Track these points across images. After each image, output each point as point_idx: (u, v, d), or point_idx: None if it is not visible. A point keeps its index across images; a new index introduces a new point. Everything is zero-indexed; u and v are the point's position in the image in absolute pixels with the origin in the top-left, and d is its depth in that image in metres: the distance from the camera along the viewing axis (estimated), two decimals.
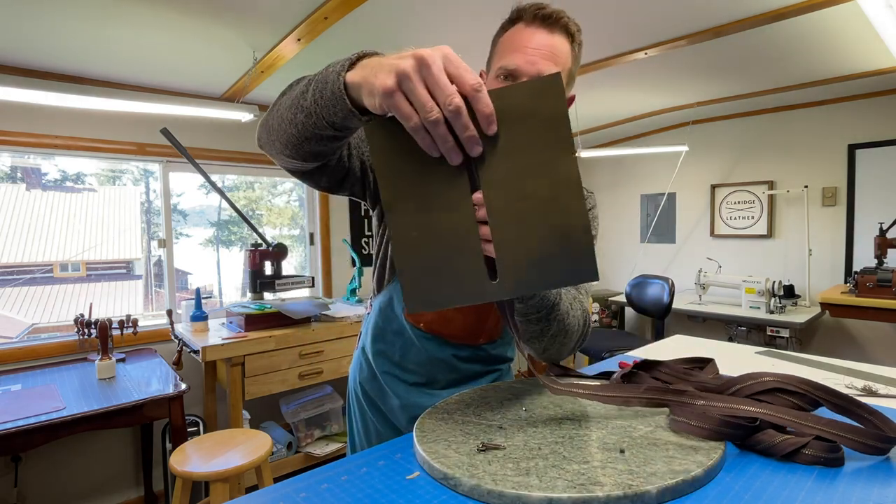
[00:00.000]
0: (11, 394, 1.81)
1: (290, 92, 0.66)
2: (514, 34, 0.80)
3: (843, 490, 0.48)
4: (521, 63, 0.77)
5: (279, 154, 0.71)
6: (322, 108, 0.58)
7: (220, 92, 2.50)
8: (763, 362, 1.04)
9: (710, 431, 0.55)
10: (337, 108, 0.56)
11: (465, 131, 0.49)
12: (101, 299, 4.42)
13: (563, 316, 0.72)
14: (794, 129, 3.46)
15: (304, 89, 0.61)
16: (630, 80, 2.71)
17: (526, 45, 0.78)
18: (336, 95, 0.55)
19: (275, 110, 0.68)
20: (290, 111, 0.63)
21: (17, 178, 3.42)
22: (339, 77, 0.54)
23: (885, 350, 3.13)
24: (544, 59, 0.78)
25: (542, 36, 0.78)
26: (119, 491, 2.37)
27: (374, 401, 0.99)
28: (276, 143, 0.69)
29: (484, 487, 0.48)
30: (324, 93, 0.57)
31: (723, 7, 1.80)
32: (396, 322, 0.93)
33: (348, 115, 0.56)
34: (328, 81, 0.56)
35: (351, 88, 0.54)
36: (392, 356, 0.95)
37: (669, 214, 4.13)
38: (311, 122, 0.60)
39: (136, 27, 1.74)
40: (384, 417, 0.99)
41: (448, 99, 0.47)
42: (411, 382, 0.95)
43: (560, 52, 0.79)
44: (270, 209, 3.36)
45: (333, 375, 2.51)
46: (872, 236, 2.97)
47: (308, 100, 0.59)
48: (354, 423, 1.05)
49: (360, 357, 1.02)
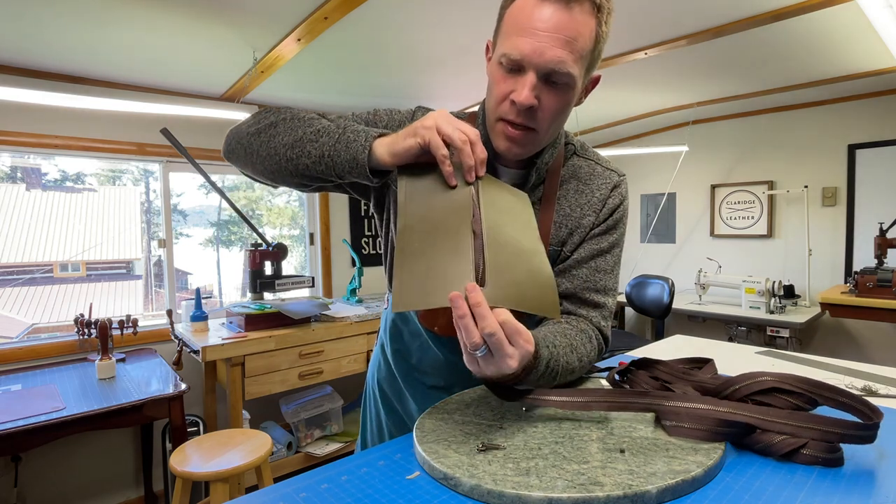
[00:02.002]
0: (11, 394, 1.81)
1: (284, 126, 0.73)
2: (523, 6, 0.65)
3: (844, 490, 0.48)
4: (528, 51, 0.64)
5: (257, 175, 0.78)
6: (336, 164, 0.68)
7: (220, 92, 2.50)
8: (763, 362, 1.04)
9: (706, 433, 0.55)
10: (353, 170, 0.67)
11: (470, 160, 0.64)
12: (101, 299, 4.42)
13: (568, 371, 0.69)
14: (794, 129, 3.46)
15: (310, 136, 0.70)
16: (630, 80, 2.71)
17: (535, 27, 0.63)
18: (357, 161, 0.66)
19: (262, 138, 0.74)
20: (290, 150, 0.71)
21: (17, 178, 3.42)
22: (365, 149, 0.66)
23: (885, 350, 3.13)
24: (556, 48, 0.63)
25: (556, 12, 0.63)
26: (119, 491, 2.37)
27: (391, 402, 0.97)
28: (257, 166, 0.76)
29: (484, 487, 0.48)
30: (340, 154, 0.68)
31: (723, 7, 1.80)
32: (413, 323, 0.90)
33: (362, 176, 0.68)
34: (349, 146, 0.67)
35: (374, 154, 0.66)
36: (410, 358, 0.92)
37: (669, 214, 4.13)
38: (317, 169, 0.70)
39: (137, 27, 1.74)
40: (399, 419, 0.96)
41: (460, 138, 0.63)
42: (430, 385, 0.92)
43: (579, 34, 0.64)
44: (270, 209, 3.36)
45: (333, 375, 2.51)
46: (872, 236, 2.98)
47: (318, 150, 0.69)
48: (369, 421, 1.03)
49: (379, 355, 0.99)
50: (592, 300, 0.81)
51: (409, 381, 0.93)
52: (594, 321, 0.80)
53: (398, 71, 2.37)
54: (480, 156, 0.64)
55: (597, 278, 0.81)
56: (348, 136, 0.68)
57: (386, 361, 0.97)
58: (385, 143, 0.66)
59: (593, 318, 0.80)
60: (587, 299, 0.81)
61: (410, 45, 2.06)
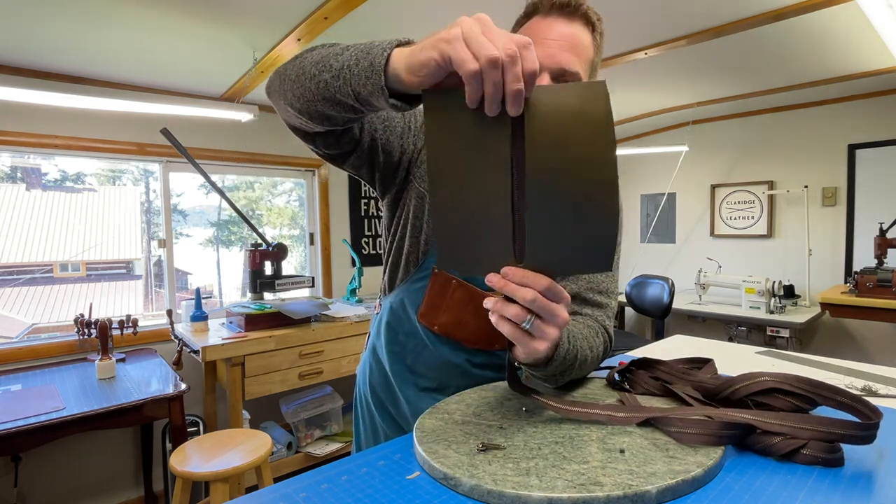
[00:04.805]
0: (11, 394, 1.81)
1: (320, 49, 0.66)
2: (530, 27, 0.76)
3: (844, 490, 0.48)
4: (541, 57, 0.70)
5: (287, 105, 0.69)
6: (353, 75, 0.58)
7: (220, 92, 2.50)
8: (763, 362, 1.04)
9: (712, 437, 0.55)
10: (368, 81, 0.56)
11: (516, 82, 0.48)
12: (101, 299, 4.42)
13: (581, 362, 0.70)
14: (794, 129, 3.46)
15: (338, 51, 0.61)
16: (630, 80, 2.71)
17: (545, 38, 0.73)
18: (374, 68, 0.55)
19: (296, 61, 0.67)
20: (315, 66, 0.63)
21: (17, 178, 3.42)
22: (384, 52, 0.55)
23: (885, 350, 3.13)
24: (564, 51, 0.73)
25: (560, 26, 0.74)
26: (119, 491, 2.37)
27: (385, 404, 0.96)
28: (287, 94, 0.68)
29: (484, 487, 0.48)
30: (360, 62, 0.57)
31: (723, 7, 1.80)
32: (409, 323, 0.90)
33: (376, 91, 0.56)
34: (369, 52, 0.56)
35: (391, 65, 0.54)
36: (404, 358, 0.92)
37: (669, 214, 4.13)
38: (335, 85, 0.60)
39: (137, 27, 1.74)
40: (394, 421, 0.95)
41: (507, 47, 0.47)
42: (423, 387, 0.92)
43: (580, 42, 0.74)
44: (270, 209, 3.37)
45: (333, 375, 2.51)
46: (872, 236, 2.97)
47: (340, 62, 0.60)
48: (362, 427, 1.02)
49: (370, 359, 0.99)
50: (596, 300, 0.83)
51: (402, 383, 0.93)
52: (599, 320, 0.82)
53: None
54: (530, 68, 0.48)
55: (598, 279, 0.84)
56: (371, 43, 0.58)
57: (378, 364, 0.97)
58: (404, 52, 0.54)
59: (598, 318, 0.82)
60: (591, 299, 0.83)
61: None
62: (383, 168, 0.85)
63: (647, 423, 0.60)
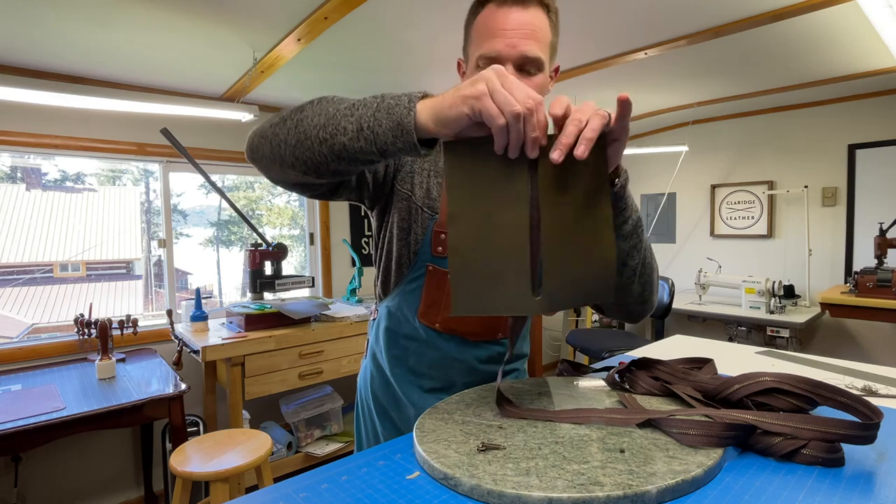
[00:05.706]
0: (11, 394, 1.81)
1: (313, 109, 0.65)
2: (487, 17, 0.76)
3: (844, 490, 0.48)
4: (502, 48, 0.74)
5: (289, 168, 0.69)
6: (378, 135, 0.60)
7: (220, 92, 2.50)
8: (763, 362, 1.04)
9: (714, 438, 0.55)
10: (398, 139, 0.59)
11: (535, 131, 0.54)
12: (101, 299, 4.42)
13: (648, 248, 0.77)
14: (794, 129, 3.46)
15: (344, 112, 0.63)
16: (630, 80, 2.71)
17: (503, 28, 0.74)
18: (403, 127, 0.59)
19: (287, 125, 0.67)
20: (322, 130, 0.63)
21: (17, 178, 3.42)
22: (410, 112, 0.58)
23: (885, 350, 3.13)
24: (524, 40, 0.74)
25: (517, 14, 0.74)
26: (119, 491, 2.37)
27: (387, 410, 0.96)
28: (287, 158, 0.67)
29: (484, 487, 0.48)
30: (381, 122, 0.60)
31: (723, 7, 1.80)
32: (408, 325, 0.90)
33: (408, 146, 0.60)
34: (391, 112, 0.59)
35: (418, 120, 0.58)
36: (406, 361, 0.92)
37: (669, 214, 4.13)
38: (355, 146, 0.62)
39: (137, 27, 1.74)
40: (396, 429, 0.96)
41: (526, 102, 0.53)
42: (427, 388, 0.92)
43: (539, 28, 0.76)
44: (270, 209, 3.37)
45: (333, 375, 2.51)
46: (872, 236, 2.97)
47: (355, 124, 0.61)
48: (364, 431, 1.02)
49: (371, 365, 0.99)
50: None
51: (405, 386, 0.93)
52: None
53: (398, 71, 2.37)
54: (543, 122, 0.56)
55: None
56: (388, 102, 0.60)
57: (379, 370, 0.97)
58: (429, 106, 0.58)
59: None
60: None
61: (410, 45, 2.06)
62: (373, 188, 0.87)
63: (647, 423, 0.60)
